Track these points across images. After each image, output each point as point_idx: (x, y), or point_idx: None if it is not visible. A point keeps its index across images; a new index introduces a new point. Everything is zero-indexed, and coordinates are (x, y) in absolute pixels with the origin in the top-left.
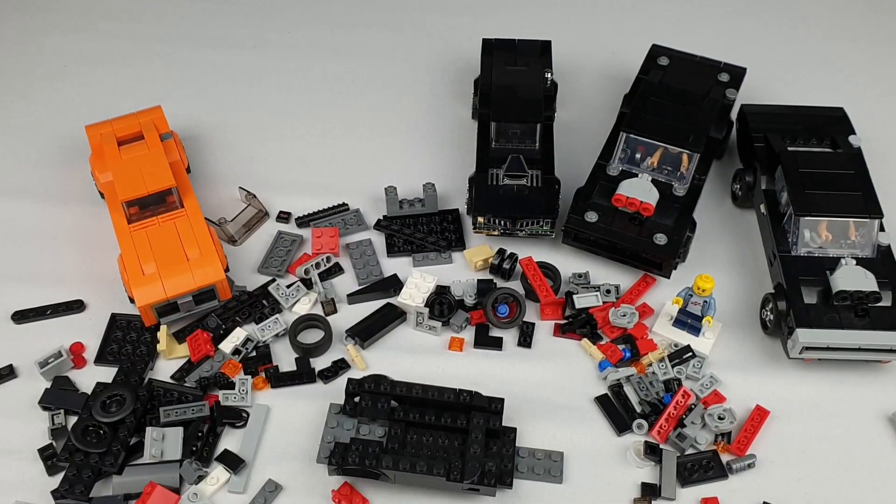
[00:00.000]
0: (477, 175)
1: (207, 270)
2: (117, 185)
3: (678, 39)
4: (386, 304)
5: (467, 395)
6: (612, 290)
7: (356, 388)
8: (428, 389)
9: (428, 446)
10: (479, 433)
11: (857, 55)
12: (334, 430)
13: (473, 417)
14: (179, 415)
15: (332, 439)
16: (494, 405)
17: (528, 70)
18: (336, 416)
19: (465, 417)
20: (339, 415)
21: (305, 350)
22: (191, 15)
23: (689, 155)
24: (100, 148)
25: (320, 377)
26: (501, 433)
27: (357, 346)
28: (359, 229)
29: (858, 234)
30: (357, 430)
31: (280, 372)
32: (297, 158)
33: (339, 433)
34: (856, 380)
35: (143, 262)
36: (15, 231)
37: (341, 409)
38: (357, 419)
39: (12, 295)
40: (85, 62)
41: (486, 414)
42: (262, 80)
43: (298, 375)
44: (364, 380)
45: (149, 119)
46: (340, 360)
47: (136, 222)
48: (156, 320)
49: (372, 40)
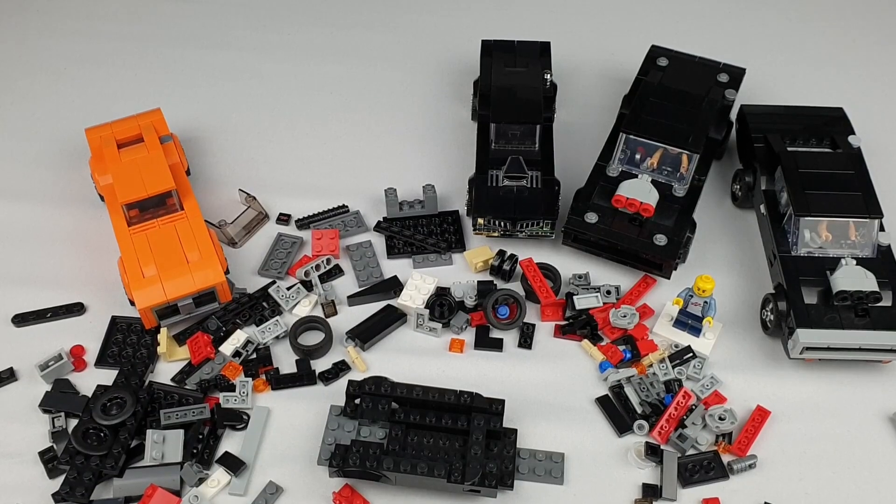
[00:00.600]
0: (477, 176)
1: (208, 273)
2: (117, 188)
3: (677, 40)
4: (386, 306)
5: (468, 396)
6: (612, 291)
7: (357, 389)
8: (428, 391)
9: (429, 448)
10: (479, 434)
11: (856, 55)
12: (335, 431)
13: (474, 419)
14: (180, 417)
15: (332, 441)
16: (495, 406)
17: (527, 71)
18: (337, 417)
19: (465, 419)
20: (340, 416)
21: (306, 352)
22: (191, 17)
23: (689, 155)
24: (100, 150)
25: (321, 379)
26: (502, 434)
27: (357, 347)
28: (359, 231)
29: (858, 234)
30: (358, 432)
31: (280, 374)
32: (296, 160)
33: (340, 435)
34: (856, 380)
35: (143, 264)
36: (15, 234)
37: (342, 411)
38: (358, 421)
39: (12, 298)
40: (85, 64)
41: (486, 415)
42: (261, 81)
43: (299, 377)
44: (364, 381)
45: (148, 122)
46: (340, 362)
47: (135, 225)
48: (156, 322)
49: (371, 42)
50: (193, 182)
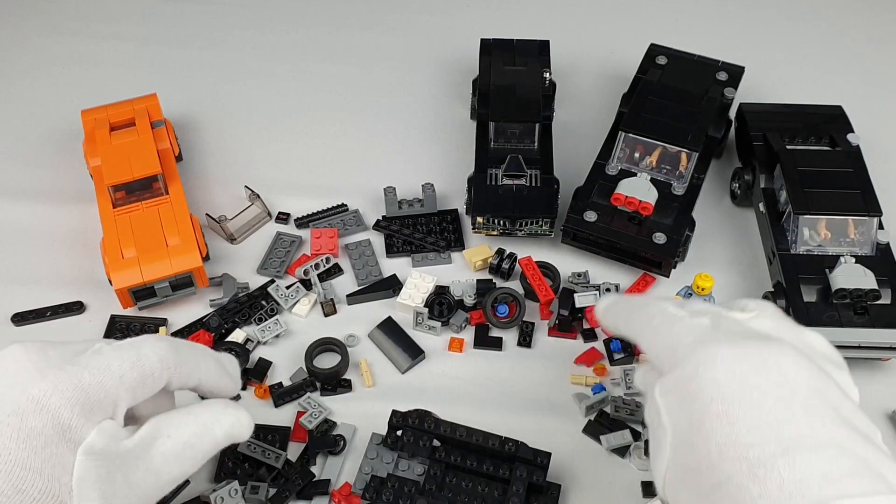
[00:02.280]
0: (476, 175)
1: (185, 258)
2: (105, 170)
3: (676, 38)
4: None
5: (513, 444)
6: (611, 288)
7: (400, 421)
8: (472, 433)
9: (466, 492)
10: (520, 486)
11: (855, 53)
12: (373, 461)
13: (517, 469)
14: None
15: (370, 471)
16: (540, 459)
17: (526, 70)
18: (377, 446)
19: (507, 467)
20: (380, 446)
21: (322, 377)
22: (191, 17)
23: (688, 154)
24: (92, 133)
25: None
26: (545, 489)
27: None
28: (358, 230)
29: (857, 232)
30: (396, 465)
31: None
32: (296, 159)
33: (378, 465)
34: (856, 377)
35: (124, 246)
36: (14, 233)
37: (382, 440)
38: (397, 453)
39: (12, 297)
40: (84, 64)
41: (530, 466)
42: (261, 81)
43: (299, 387)
44: (408, 414)
45: (143, 106)
46: (346, 380)
47: (120, 207)
48: (133, 304)
49: (371, 41)
50: (193, 179)
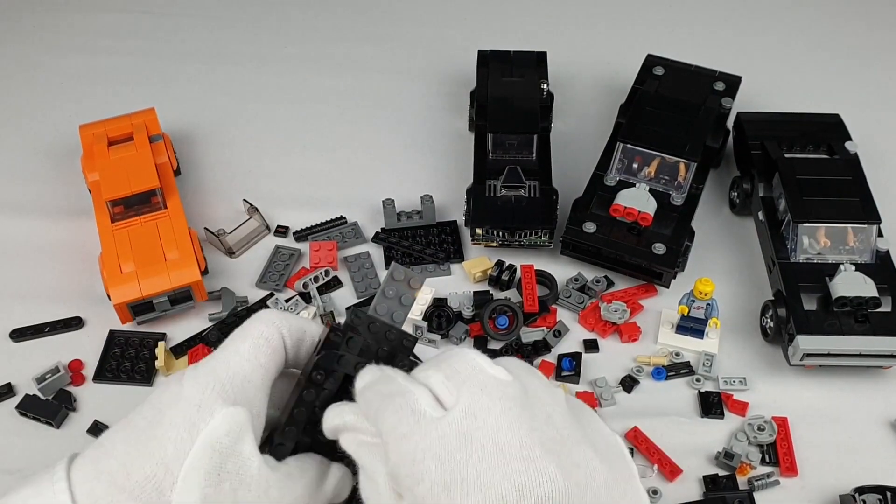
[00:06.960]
0: (475, 186)
1: (184, 272)
2: (103, 184)
3: (673, 49)
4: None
5: None
6: (601, 280)
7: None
8: None
9: None
10: None
11: (852, 62)
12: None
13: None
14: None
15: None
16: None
17: (524, 81)
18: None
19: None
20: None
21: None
22: (189, 32)
23: (687, 164)
24: (90, 148)
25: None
26: None
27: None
28: (357, 242)
29: (857, 240)
30: None
31: None
32: (294, 172)
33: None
34: (857, 386)
35: (122, 260)
36: (12, 248)
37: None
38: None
39: (10, 313)
40: (82, 79)
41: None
42: (259, 94)
43: None
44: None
45: (141, 121)
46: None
47: (119, 221)
48: (132, 318)
49: (368, 54)
50: (191, 193)
